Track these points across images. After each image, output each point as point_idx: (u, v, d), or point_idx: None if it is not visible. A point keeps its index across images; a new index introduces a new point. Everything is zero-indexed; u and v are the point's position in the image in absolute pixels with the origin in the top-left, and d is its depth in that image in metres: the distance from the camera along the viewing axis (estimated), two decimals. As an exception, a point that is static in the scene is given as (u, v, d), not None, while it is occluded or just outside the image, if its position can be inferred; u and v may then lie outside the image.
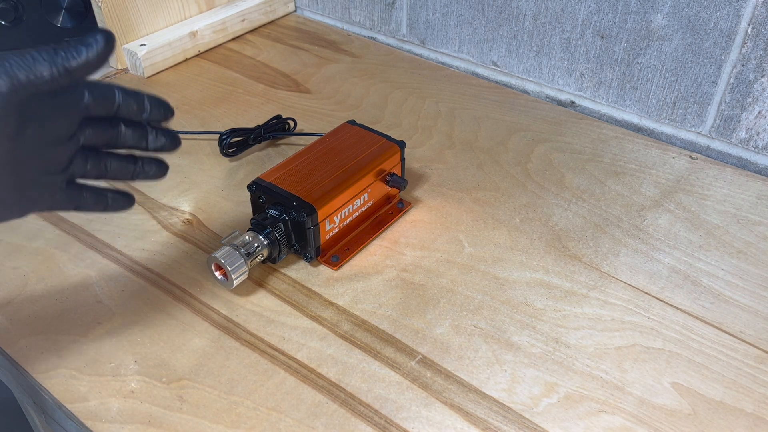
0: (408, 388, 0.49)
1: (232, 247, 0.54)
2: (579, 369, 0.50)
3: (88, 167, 0.45)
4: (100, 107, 0.43)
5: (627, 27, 0.72)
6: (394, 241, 0.61)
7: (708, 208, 0.64)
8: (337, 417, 0.47)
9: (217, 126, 0.76)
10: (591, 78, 0.77)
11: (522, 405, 0.48)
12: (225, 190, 0.67)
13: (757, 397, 0.48)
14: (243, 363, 0.51)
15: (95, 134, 0.44)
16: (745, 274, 0.58)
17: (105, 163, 0.46)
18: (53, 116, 0.41)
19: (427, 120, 0.77)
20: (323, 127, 0.76)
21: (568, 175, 0.69)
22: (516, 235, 0.62)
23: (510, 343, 0.52)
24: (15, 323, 0.54)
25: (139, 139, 0.46)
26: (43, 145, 0.41)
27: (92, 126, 0.44)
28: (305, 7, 1.01)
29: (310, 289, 0.57)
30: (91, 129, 0.44)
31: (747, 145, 0.70)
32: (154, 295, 0.56)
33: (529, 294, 0.56)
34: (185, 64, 0.89)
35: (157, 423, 0.47)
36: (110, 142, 0.45)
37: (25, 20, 0.87)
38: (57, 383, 0.49)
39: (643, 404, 0.48)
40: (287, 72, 0.87)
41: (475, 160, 0.71)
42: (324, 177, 0.58)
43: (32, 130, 0.40)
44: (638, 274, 0.58)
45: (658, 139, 0.75)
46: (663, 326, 0.53)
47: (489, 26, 0.82)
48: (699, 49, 0.68)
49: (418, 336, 0.53)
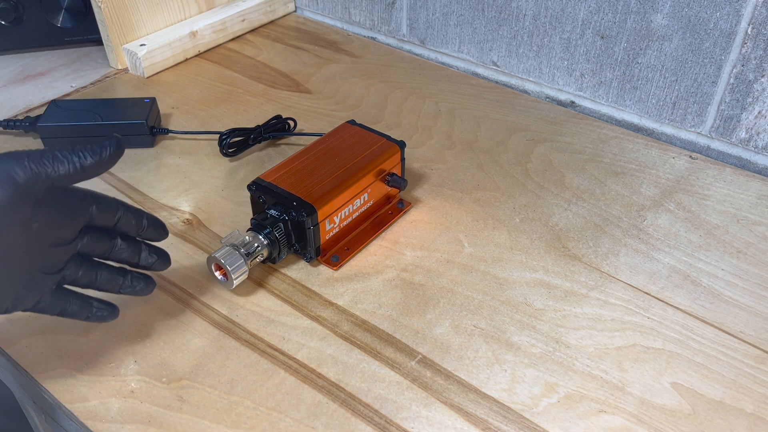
0: (408, 388, 0.49)
1: (232, 247, 0.54)
2: (579, 369, 0.50)
3: (80, 273, 0.46)
4: (103, 218, 0.46)
5: (627, 27, 0.72)
6: (394, 241, 0.61)
7: (708, 208, 0.64)
8: (337, 417, 0.47)
9: (217, 126, 0.76)
10: (591, 78, 0.77)
11: (522, 405, 0.48)
12: (225, 190, 0.67)
13: (757, 397, 0.48)
14: (243, 363, 0.51)
15: (92, 243, 0.46)
16: (745, 274, 0.58)
17: (96, 272, 0.47)
18: (59, 217, 0.43)
19: (427, 120, 0.77)
20: (323, 127, 0.76)
21: (568, 175, 0.69)
22: (516, 235, 0.62)
23: (510, 343, 0.52)
24: (15, 323, 0.54)
25: (132, 254, 0.49)
26: (45, 242, 0.43)
27: (91, 235, 0.46)
28: (305, 7, 1.01)
29: (310, 289, 0.57)
30: (90, 237, 0.46)
31: (747, 145, 0.70)
32: (154, 295, 0.56)
33: (529, 294, 0.56)
34: (185, 64, 0.89)
35: (157, 423, 0.47)
36: (105, 253, 0.47)
37: (25, 20, 0.87)
38: (57, 383, 0.49)
39: (643, 404, 0.48)
40: (287, 72, 0.87)
41: (475, 160, 0.71)
42: (324, 177, 0.58)
43: (39, 225, 0.42)
44: (638, 274, 0.58)
45: (658, 139, 0.75)
46: (663, 326, 0.53)
47: (489, 26, 0.82)
48: (699, 49, 0.68)
49: (418, 336, 0.53)
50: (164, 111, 0.79)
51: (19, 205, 0.40)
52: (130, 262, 0.49)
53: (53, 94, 0.83)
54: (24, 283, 0.43)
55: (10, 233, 0.40)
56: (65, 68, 0.88)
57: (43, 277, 0.44)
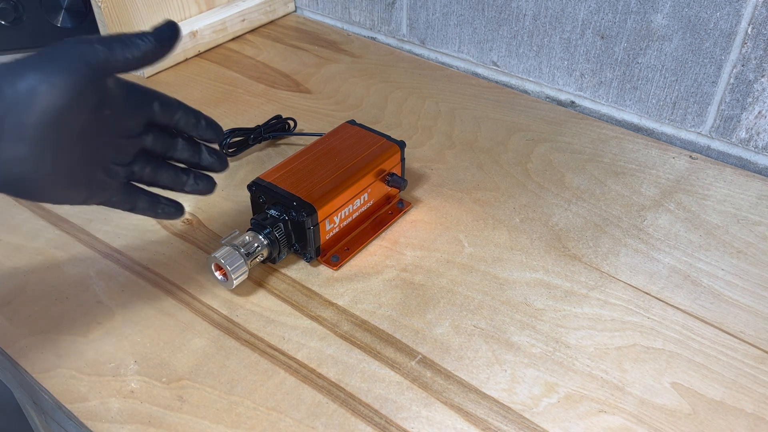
0: (408, 388, 0.49)
1: (232, 247, 0.54)
2: (579, 369, 0.50)
3: (147, 170, 0.49)
4: (165, 114, 0.48)
5: (627, 27, 0.72)
6: (394, 241, 0.61)
7: (708, 208, 0.64)
8: (337, 417, 0.47)
9: (217, 126, 0.76)
10: (591, 78, 0.77)
11: (522, 405, 0.48)
12: (225, 190, 0.67)
13: (757, 397, 0.48)
14: (243, 363, 0.51)
15: (156, 141, 0.48)
16: (745, 274, 0.58)
17: (162, 168, 0.50)
18: (127, 107, 0.45)
19: (427, 120, 0.77)
20: (323, 127, 0.76)
21: (568, 175, 0.69)
22: (516, 235, 0.62)
23: (510, 343, 0.52)
24: (15, 323, 0.54)
25: (193, 154, 0.51)
26: (116, 132, 0.45)
27: (155, 133, 0.48)
28: (305, 7, 1.01)
29: (310, 289, 0.57)
30: (154, 135, 0.48)
31: (747, 145, 0.70)
32: (154, 295, 0.56)
33: (529, 294, 0.56)
34: (185, 64, 0.89)
35: (157, 423, 0.47)
36: (168, 152, 0.50)
37: (25, 20, 0.87)
38: (57, 383, 0.49)
39: (643, 404, 0.48)
40: (287, 72, 0.87)
41: (475, 160, 0.71)
42: (324, 177, 0.58)
43: (109, 112, 0.43)
44: (638, 274, 0.58)
45: (658, 139, 0.75)
46: (663, 326, 0.53)
47: (489, 26, 0.82)
48: (699, 49, 0.68)
49: (418, 336, 0.53)
50: (164, 111, 0.79)
51: (93, 88, 0.41)
52: (191, 161, 0.51)
53: (53, 94, 0.83)
54: (98, 173, 0.45)
55: (85, 117, 0.42)
56: (65, 68, 0.88)
57: (114, 168, 0.46)
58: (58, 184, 0.43)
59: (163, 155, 0.50)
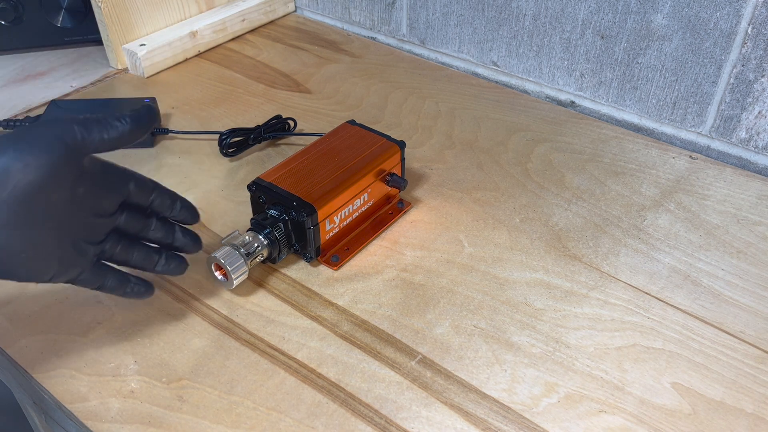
0: (408, 388, 0.49)
1: (232, 247, 0.54)
2: (579, 369, 0.50)
3: (118, 249, 0.49)
4: (140, 195, 0.48)
5: (627, 27, 0.72)
6: (394, 241, 0.61)
7: (708, 208, 0.64)
8: (337, 417, 0.47)
9: (217, 126, 0.76)
10: (591, 78, 0.77)
11: (522, 405, 0.48)
12: (225, 190, 0.67)
13: (757, 397, 0.48)
14: (243, 363, 0.51)
15: (130, 219, 0.49)
16: (745, 274, 0.58)
17: (134, 248, 0.50)
18: (102, 186, 0.46)
19: (427, 120, 0.77)
20: (323, 127, 0.76)
21: (568, 175, 0.69)
22: (516, 235, 0.62)
23: (510, 343, 0.52)
24: (15, 323, 0.54)
25: (167, 234, 0.51)
26: (88, 211, 0.45)
27: (129, 212, 0.49)
28: (305, 7, 1.01)
29: (310, 289, 0.57)
30: (128, 215, 0.48)
31: (747, 145, 0.70)
32: (154, 295, 0.56)
33: (529, 294, 0.56)
34: (185, 64, 0.89)
35: (157, 423, 0.47)
36: (141, 232, 0.50)
37: (25, 20, 0.87)
38: (57, 383, 0.49)
39: (643, 404, 0.48)
40: (287, 72, 0.87)
41: (475, 160, 0.71)
42: (324, 177, 0.58)
43: (83, 191, 0.44)
44: (638, 274, 0.58)
45: (658, 139, 0.75)
46: (663, 326, 0.53)
47: (489, 26, 0.82)
48: (699, 49, 0.68)
49: (418, 336, 0.53)
50: (164, 111, 0.79)
51: (69, 167, 0.42)
52: (164, 241, 0.51)
53: (53, 94, 0.83)
54: (68, 251, 0.45)
55: (59, 195, 0.42)
56: (65, 68, 0.88)
57: (85, 247, 0.46)
58: (28, 261, 0.43)
59: (136, 235, 0.50)
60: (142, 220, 0.49)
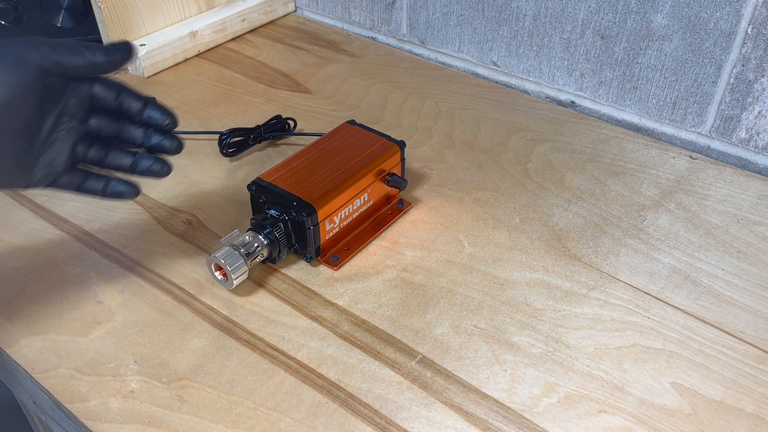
0: (408, 388, 0.49)
1: (232, 247, 0.54)
2: (579, 369, 0.50)
3: (93, 151, 0.50)
4: (106, 97, 0.49)
5: (627, 27, 0.72)
6: (394, 241, 0.61)
7: (708, 208, 0.64)
8: (337, 417, 0.47)
9: (217, 126, 0.76)
10: (591, 78, 0.77)
11: (522, 405, 0.48)
12: (225, 190, 0.67)
13: (757, 397, 0.48)
14: (243, 363, 0.51)
15: (101, 123, 0.49)
16: (745, 274, 0.58)
17: (110, 149, 0.50)
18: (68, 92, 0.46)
19: (427, 120, 0.77)
20: (323, 127, 0.76)
21: (568, 175, 0.69)
22: (516, 235, 0.62)
23: (510, 343, 0.52)
24: (15, 323, 0.54)
25: (145, 136, 0.51)
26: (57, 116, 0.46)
27: (99, 115, 0.49)
28: (305, 7, 1.01)
29: (310, 289, 0.57)
30: (98, 118, 0.49)
31: (747, 145, 0.70)
32: (154, 295, 0.56)
33: (529, 294, 0.56)
34: (185, 64, 0.89)
35: (157, 423, 0.47)
36: (115, 134, 0.50)
37: (25, 20, 0.87)
38: (57, 383, 0.49)
39: (643, 404, 0.48)
40: (287, 72, 0.87)
41: (475, 160, 0.71)
42: (324, 177, 0.58)
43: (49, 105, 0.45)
44: (638, 274, 0.58)
45: (658, 139, 0.75)
46: (663, 326, 0.53)
47: (489, 26, 0.82)
48: (699, 49, 0.68)
49: (418, 336, 0.53)
50: (164, 111, 0.79)
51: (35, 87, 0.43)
52: (144, 143, 0.51)
53: (53, 94, 0.83)
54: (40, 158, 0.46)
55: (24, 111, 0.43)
56: (65, 68, 0.88)
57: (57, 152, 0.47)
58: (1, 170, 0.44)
59: (111, 137, 0.50)
60: (113, 123, 0.50)
